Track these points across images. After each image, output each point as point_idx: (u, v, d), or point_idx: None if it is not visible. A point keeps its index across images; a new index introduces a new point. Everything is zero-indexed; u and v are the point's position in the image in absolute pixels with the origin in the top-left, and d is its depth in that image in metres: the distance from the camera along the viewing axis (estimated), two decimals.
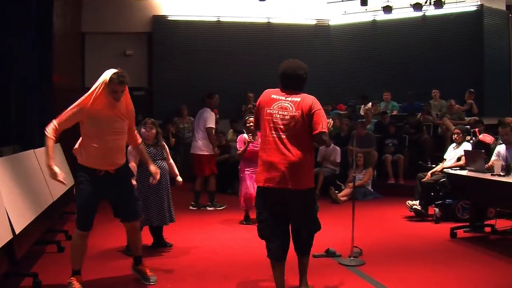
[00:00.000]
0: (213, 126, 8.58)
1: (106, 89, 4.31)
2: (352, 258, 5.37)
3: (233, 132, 11.72)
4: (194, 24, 13.36)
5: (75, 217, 4.44)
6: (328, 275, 4.91)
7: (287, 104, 4.12)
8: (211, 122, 8.58)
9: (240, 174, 7.33)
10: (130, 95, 4.62)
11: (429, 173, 7.81)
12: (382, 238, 6.58)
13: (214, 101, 8.86)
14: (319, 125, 4.02)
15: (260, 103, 4.28)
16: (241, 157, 7.27)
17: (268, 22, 13.82)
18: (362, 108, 12.45)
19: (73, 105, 4.33)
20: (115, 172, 4.45)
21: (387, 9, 13.01)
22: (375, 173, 10.19)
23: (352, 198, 5.95)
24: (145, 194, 5.62)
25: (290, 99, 4.14)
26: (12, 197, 4.53)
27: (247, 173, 7.21)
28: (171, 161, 6.06)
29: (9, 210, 4.23)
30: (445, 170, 7.39)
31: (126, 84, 4.39)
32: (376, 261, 5.39)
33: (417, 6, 12.62)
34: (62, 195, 6.75)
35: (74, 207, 7.87)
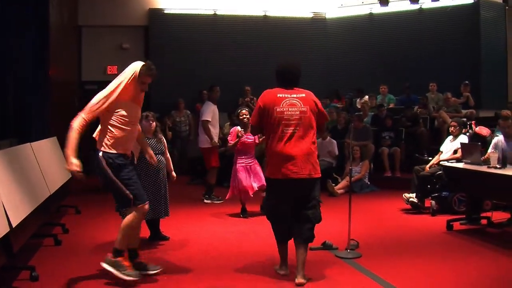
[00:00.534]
0: (208, 119, 8.55)
1: (136, 81, 4.44)
2: (349, 251, 5.39)
3: (230, 125, 11.71)
4: (191, 17, 13.31)
5: (126, 195, 4.42)
6: (325, 268, 4.92)
7: (295, 101, 4.51)
8: (206, 115, 8.58)
9: (234, 166, 7.36)
10: None
11: (427, 167, 7.83)
12: (379, 231, 6.60)
13: (215, 94, 8.86)
14: (326, 114, 4.76)
15: (265, 104, 4.54)
16: (233, 149, 7.34)
17: (265, 15, 13.77)
18: (359, 101, 12.46)
19: (101, 97, 4.36)
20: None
21: (384, 2, 12.98)
22: (372, 166, 10.22)
23: (349, 191, 5.96)
24: (142, 187, 5.60)
25: (296, 96, 4.54)
26: (9, 191, 4.52)
27: (241, 165, 7.25)
28: (168, 155, 6.06)
29: (6, 203, 4.22)
30: (442, 163, 7.41)
31: (155, 77, 4.55)
32: (373, 254, 5.41)
33: None
34: (59, 189, 6.75)
35: (71, 201, 7.94)
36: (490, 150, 6.57)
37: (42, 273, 4.59)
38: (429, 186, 7.59)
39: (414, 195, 7.74)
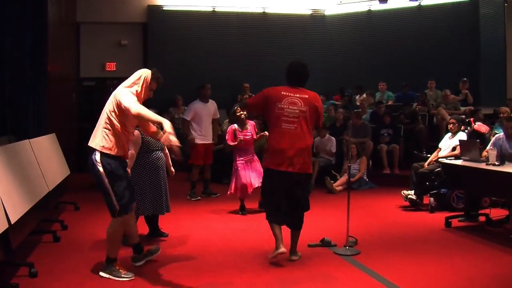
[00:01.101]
0: (187, 118, 8.74)
1: (147, 87, 4.57)
2: (347, 248, 5.39)
3: (229, 122, 11.70)
4: (189, 14, 13.29)
5: (114, 206, 4.47)
6: (323, 265, 4.93)
7: (296, 100, 4.88)
8: (186, 114, 8.85)
9: (234, 163, 7.38)
10: None
11: (426, 164, 7.84)
12: (377, 228, 6.61)
13: (206, 91, 8.89)
14: (320, 119, 5.13)
15: (270, 95, 4.95)
16: (232, 149, 7.37)
17: (264, 12, 13.76)
18: (358, 98, 12.45)
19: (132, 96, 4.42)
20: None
21: None
22: (370, 163, 10.22)
23: (348, 188, 5.97)
24: (142, 184, 5.61)
25: (299, 95, 4.91)
26: (7, 187, 4.51)
27: (241, 163, 7.26)
28: (167, 152, 6.06)
29: (4, 200, 4.22)
30: (440, 160, 7.41)
31: (161, 84, 4.74)
32: (371, 251, 5.41)
33: None
34: (58, 185, 6.74)
35: (70, 197, 7.94)
36: (490, 147, 6.57)
37: (41, 270, 4.59)
38: (428, 183, 7.59)
39: (413, 192, 7.74)
